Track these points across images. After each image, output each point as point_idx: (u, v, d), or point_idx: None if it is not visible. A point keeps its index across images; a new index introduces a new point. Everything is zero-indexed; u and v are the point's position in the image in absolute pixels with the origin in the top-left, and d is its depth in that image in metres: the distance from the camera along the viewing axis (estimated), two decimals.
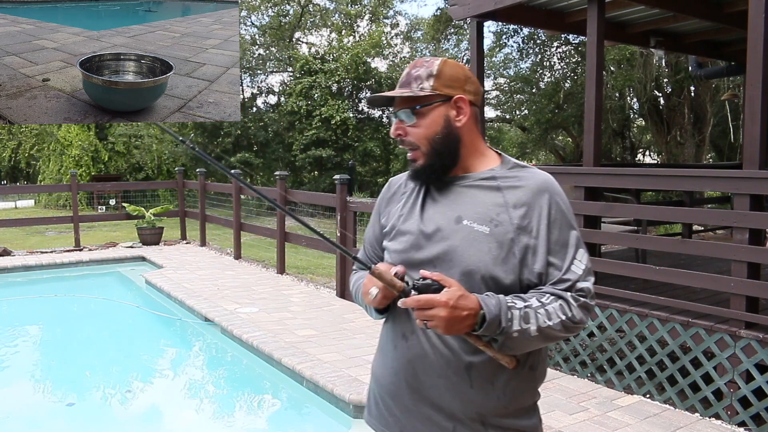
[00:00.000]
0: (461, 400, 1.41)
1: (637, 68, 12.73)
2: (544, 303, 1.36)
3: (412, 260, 1.46)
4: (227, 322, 5.67)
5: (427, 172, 1.48)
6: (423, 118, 1.46)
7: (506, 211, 1.41)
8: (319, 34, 21.37)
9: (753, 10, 3.54)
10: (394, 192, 1.63)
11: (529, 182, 1.44)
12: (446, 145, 1.46)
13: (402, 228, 1.52)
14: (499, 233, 1.40)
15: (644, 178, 4.30)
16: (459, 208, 1.45)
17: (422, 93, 1.44)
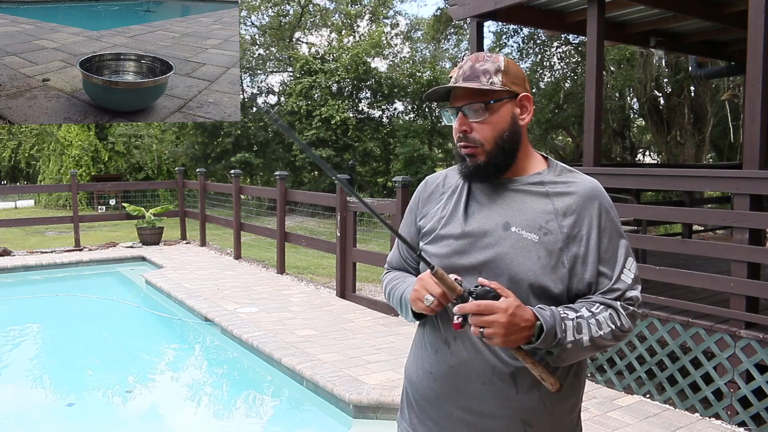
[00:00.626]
0: (506, 406, 1.38)
1: (637, 68, 12.74)
2: (594, 313, 1.35)
3: (455, 266, 1.41)
4: (227, 322, 5.67)
5: (488, 170, 1.42)
6: (493, 114, 1.40)
7: (555, 219, 1.38)
8: (319, 34, 21.38)
9: (753, 10, 3.54)
10: (431, 191, 1.57)
11: (579, 189, 1.42)
12: (511, 143, 1.42)
13: (444, 231, 1.46)
14: (548, 242, 1.36)
15: (644, 178, 4.30)
16: (507, 214, 1.41)
17: (494, 87, 1.39)
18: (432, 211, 1.53)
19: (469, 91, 1.40)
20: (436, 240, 1.46)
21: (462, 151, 1.44)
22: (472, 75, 1.40)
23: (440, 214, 1.50)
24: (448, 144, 18.75)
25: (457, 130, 1.43)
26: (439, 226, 1.48)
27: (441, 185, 1.56)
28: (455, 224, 1.45)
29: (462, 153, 1.44)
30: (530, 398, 1.38)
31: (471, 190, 1.48)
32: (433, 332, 1.48)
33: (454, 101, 1.43)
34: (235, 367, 5.34)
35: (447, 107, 1.45)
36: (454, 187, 1.52)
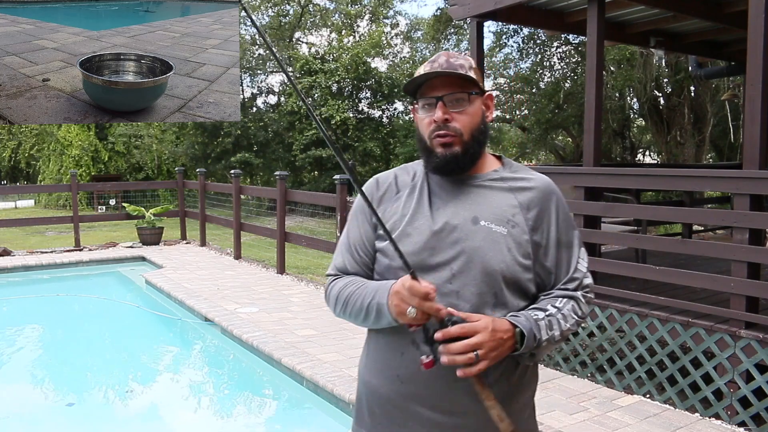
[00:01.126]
0: (478, 400, 1.38)
1: (637, 68, 12.73)
2: (559, 308, 1.42)
3: (425, 263, 1.41)
4: (227, 322, 5.67)
5: (464, 161, 1.44)
6: (470, 106, 1.44)
7: (521, 212, 1.44)
8: (319, 34, 21.38)
9: (753, 10, 3.54)
10: (385, 190, 1.55)
11: (538, 185, 1.49)
12: (483, 137, 1.47)
13: (410, 229, 1.45)
14: (516, 234, 1.42)
15: (644, 178, 4.30)
16: (474, 208, 1.44)
17: (474, 77, 1.44)
18: (390, 209, 1.51)
19: (450, 81, 1.43)
20: (401, 238, 1.44)
21: (438, 141, 1.44)
22: (449, 67, 1.43)
23: (402, 212, 1.48)
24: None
25: (438, 119, 1.42)
26: (402, 224, 1.46)
27: (394, 184, 1.55)
28: (422, 221, 1.45)
29: (439, 143, 1.44)
30: (499, 389, 1.40)
31: (431, 188, 1.49)
32: (395, 334, 1.44)
33: (433, 92, 1.44)
34: (235, 367, 5.34)
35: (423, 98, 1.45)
36: (410, 185, 1.52)
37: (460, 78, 1.43)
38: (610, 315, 4.25)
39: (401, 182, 1.55)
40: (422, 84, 1.47)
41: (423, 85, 1.46)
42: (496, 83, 18.04)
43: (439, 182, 1.50)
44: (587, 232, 4.42)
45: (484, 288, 1.39)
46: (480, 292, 1.40)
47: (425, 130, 1.46)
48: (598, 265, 4.43)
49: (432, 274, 1.40)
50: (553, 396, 4.00)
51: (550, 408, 3.78)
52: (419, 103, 1.48)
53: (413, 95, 1.50)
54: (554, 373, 4.46)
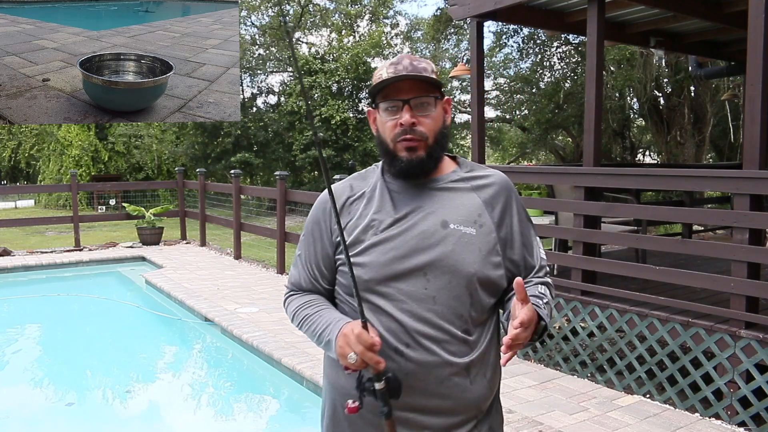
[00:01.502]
0: (464, 399, 1.43)
1: (637, 68, 12.73)
2: (542, 294, 1.48)
3: (397, 271, 1.40)
4: (227, 322, 5.67)
5: (429, 164, 1.44)
6: (435, 110, 1.44)
7: (485, 211, 1.46)
8: (319, 34, 21.37)
9: (753, 10, 3.54)
10: (342, 202, 1.50)
11: (496, 181, 1.51)
12: (445, 139, 1.47)
13: (377, 239, 1.42)
14: (484, 233, 1.44)
15: (644, 178, 4.30)
16: (441, 212, 1.44)
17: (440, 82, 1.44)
18: (352, 222, 1.46)
19: (417, 85, 1.42)
20: (369, 249, 1.42)
21: (404, 144, 1.42)
22: (415, 70, 1.41)
23: (365, 222, 1.44)
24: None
25: (406, 122, 1.40)
26: (368, 235, 1.43)
27: (350, 195, 1.51)
28: (390, 229, 1.43)
29: (404, 146, 1.42)
30: (480, 386, 1.45)
31: (392, 195, 1.47)
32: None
33: (398, 94, 1.42)
34: (235, 367, 5.34)
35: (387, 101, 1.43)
36: (368, 194, 1.49)
37: (426, 82, 1.42)
38: (610, 315, 4.25)
39: (358, 192, 1.51)
40: (385, 86, 1.43)
41: (386, 87, 1.43)
42: (496, 83, 18.04)
43: (400, 188, 1.47)
44: (587, 232, 4.43)
45: (460, 291, 1.41)
46: (456, 295, 1.41)
47: (389, 133, 1.43)
48: (598, 265, 4.43)
49: (407, 281, 1.40)
50: (553, 396, 4.00)
51: (550, 408, 3.79)
52: (381, 106, 1.44)
53: (374, 98, 1.47)
54: (554, 373, 4.46)
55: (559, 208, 5.13)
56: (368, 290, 1.42)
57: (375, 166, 1.56)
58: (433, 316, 1.39)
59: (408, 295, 1.40)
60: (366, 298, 1.42)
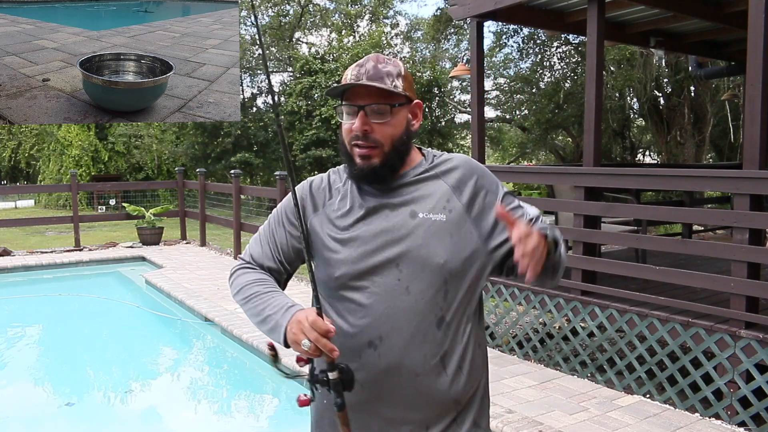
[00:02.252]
0: (440, 392, 1.41)
1: (637, 68, 12.73)
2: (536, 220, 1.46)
3: (369, 265, 1.41)
4: (227, 322, 5.67)
5: (383, 173, 1.43)
6: (393, 117, 1.41)
7: (453, 195, 1.45)
8: (319, 34, 21.39)
9: (753, 10, 3.54)
10: (318, 195, 1.52)
11: (459, 163, 1.49)
12: (405, 146, 1.45)
13: (347, 235, 1.44)
14: (454, 218, 1.42)
15: (644, 178, 4.30)
16: (410, 204, 1.44)
17: (397, 90, 1.41)
18: (325, 216, 1.49)
19: (374, 91, 1.39)
20: (342, 244, 1.43)
21: (357, 151, 1.42)
22: (376, 75, 1.40)
23: (338, 218, 1.47)
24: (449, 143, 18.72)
25: (357, 129, 1.40)
26: (339, 230, 1.45)
27: (327, 189, 1.52)
28: (360, 225, 1.44)
29: (357, 153, 1.42)
30: (458, 380, 1.43)
31: (362, 189, 1.47)
32: (351, 338, 1.41)
33: (356, 99, 1.41)
34: (235, 367, 5.34)
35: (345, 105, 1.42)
36: (343, 189, 1.50)
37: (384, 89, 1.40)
38: (610, 315, 4.25)
39: (334, 186, 1.52)
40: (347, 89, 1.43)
41: (348, 90, 1.43)
42: (496, 83, 18.05)
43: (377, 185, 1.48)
44: (587, 232, 4.43)
45: (432, 279, 1.39)
46: (429, 283, 1.39)
47: (346, 135, 1.44)
48: (598, 265, 4.43)
49: (380, 274, 1.40)
50: (553, 396, 4.00)
51: (550, 408, 3.79)
52: (343, 108, 1.44)
53: (340, 97, 1.46)
54: (554, 373, 4.47)
55: (559, 208, 5.13)
56: (342, 286, 1.42)
57: None
58: (407, 306, 1.38)
59: (381, 286, 1.39)
60: (341, 294, 1.43)
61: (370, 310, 1.40)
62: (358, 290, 1.41)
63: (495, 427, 3.49)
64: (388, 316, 1.39)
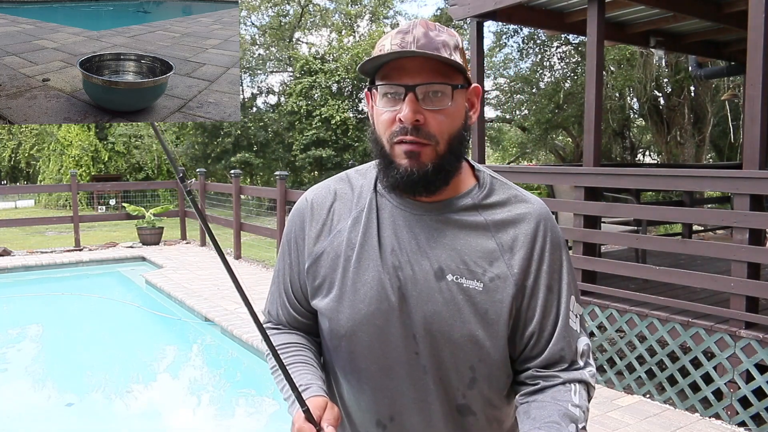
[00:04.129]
0: None
1: (637, 68, 12.73)
2: (581, 405, 1.05)
3: (380, 331, 1.08)
4: (227, 322, 5.67)
5: (436, 180, 1.04)
6: (453, 103, 1.02)
7: (502, 257, 1.07)
8: (319, 34, 21.39)
9: (753, 10, 3.54)
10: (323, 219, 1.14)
11: (525, 215, 1.10)
12: (462, 147, 1.07)
13: (354, 283, 1.08)
14: (495, 288, 1.06)
15: (644, 178, 4.30)
16: (439, 255, 1.06)
17: (462, 66, 1.02)
18: (329, 248, 1.12)
19: (429, 65, 1.00)
20: (344, 296, 1.09)
21: (404, 148, 1.02)
22: (429, 45, 0.99)
23: (345, 254, 1.10)
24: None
25: (407, 119, 0.99)
26: (347, 275, 1.09)
27: (332, 209, 1.14)
28: (371, 272, 1.07)
29: (404, 151, 1.02)
30: None
31: (381, 219, 1.09)
32: (365, 412, 1.16)
33: (401, 77, 1.00)
34: (235, 367, 5.34)
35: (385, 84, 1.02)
36: (356, 211, 1.12)
37: (444, 62, 1.01)
38: (610, 315, 4.25)
39: (343, 205, 1.14)
40: (386, 63, 1.02)
41: (387, 65, 1.02)
42: (496, 83, 18.03)
43: (392, 210, 1.10)
44: (587, 232, 4.43)
45: (456, 363, 1.08)
46: (453, 368, 1.08)
47: (384, 129, 1.04)
48: (598, 265, 4.43)
49: (393, 346, 1.08)
50: None
51: None
52: (380, 89, 1.03)
53: (372, 76, 1.06)
54: None
55: (559, 208, 5.13)
56: (342, 347, 1.12)
57: (372, 166, 1.16)
58: (423, 387, 1.09)
59: (395, 360, 1.09)
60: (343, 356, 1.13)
61: (378, 383, 1.11)
62: (368, 358, 1.10)
63: None
64: (401, 395, 1.11)
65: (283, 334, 1.19)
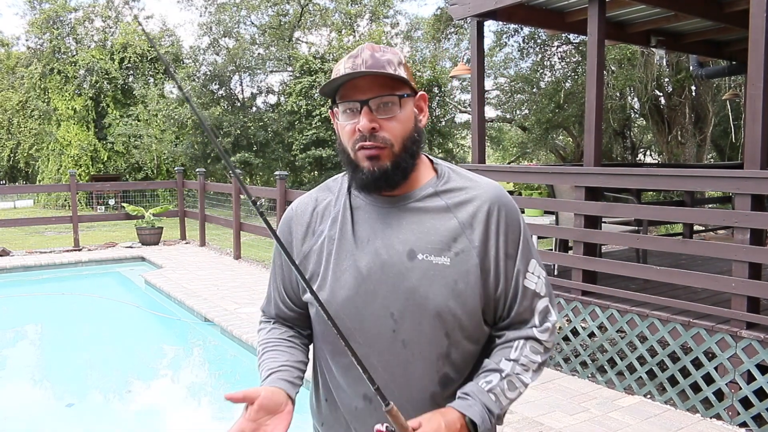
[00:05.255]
0: None
1: (637, 68, 12.72)
2: (516, 359, 1.24)
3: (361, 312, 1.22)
4: (227, 322, 5.66)
5: (396, 176, 1.22)
6: (401, 110, 1.21)
7: (463, 233, 1.23)
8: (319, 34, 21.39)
9: (754, 9, 3.52)
10: (307, 223, 1.32)
11: (478, 195, 1.26)
12: (416, 146, 1.24)
13: (336, 272, 1.24)
14: (460, 262, 1.21)
15: (645, 178, 4.29)
16: (409, 239, 1.22)
17: (405, 78, 1.22)
18: (314, 247, 1.29)
19: (378, 81, 1.20)
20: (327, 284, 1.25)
21: (364, 153, 1.20)
22: (376, 64, 1.19)
23: (326, 250, 1.27)
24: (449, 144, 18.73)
25: (364, 128, 1.18)
26: (329, 267, 1.25)
27: (313, 213, 1.32)
28: (349, 261, 1.23)
29: (365, 155, 1.20)
30: None
31: (354, 216, 1.27)
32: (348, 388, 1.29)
33: (355, 94, 1.20)
34: (235, 367, 5.33)
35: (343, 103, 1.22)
36: (333, 213, 1.29)
37: (389, 78, 1.20)
38: (611, 315, 4.24)
39: (322, 210, 1.32)
40: (342, 84, 1.22)
41: (343, 85, 1.22)
42: (496, 83, 18.03)
43: (364, 207, 1.27)
44: (588, 232, 4.41)
45: (432, 334, 1.21)
46: (429, 339, 1.21)
47: (348, 139, 1.22)
48: (599, 265, 4.42)
49: (372, 324, 1.22)
50: (553, 396, 3.99)
51: (550, 408, 3.77)
52: (339, 107, 1.23)
53: (332, 97, 1.26)
54: (555, 374, 4.45)
55: (559, 208, 5.11)
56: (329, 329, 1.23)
57: (344, 174, 1.33)
58: (403, 362, 1.22)
59: (375, 338, 1.22)
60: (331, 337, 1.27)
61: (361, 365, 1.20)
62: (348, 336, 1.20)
63: None
64: (383, 370, 1.23)
65: (272, 329, 1.40)
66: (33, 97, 19.55)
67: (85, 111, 19.22)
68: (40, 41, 19.67)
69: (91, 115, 19.38)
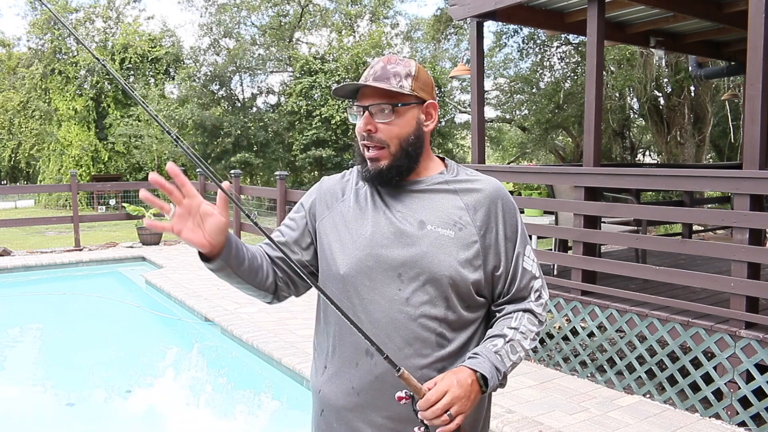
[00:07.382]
0: None
1: (637, 68, 12.73)
2: (516, 327, 1.42)
3: (372, 271, 1.40)
4: (227, 322, 5.67)
5: (390, 174, 1.42)
6: (399, 117, 1.40)
7: (467, 213, 1.43)
8: (319, 34, 21.39)
9: (753, 9, 3.54)
10: (333, 193, 1.53)
11: (484, 187, 1.46)
12: (415, 148, 1.43)
13: (353, 234, 1.44)
14: (464, 236, 1.40)
15: (644, 178, 4.30)
16: (419, 214, 1.42)
17: (403, 91, 1.40)
18: (336, 211, 1.50)
19: (377, 92, 1.40)
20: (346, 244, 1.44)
21: (368, 154, 1.42)
22: (382, 76, 1.40)
23: (346, 216, 1.47)
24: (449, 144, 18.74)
25: (361, 129, 1.41)
26: (348, 229, 1.45)
27: (340, 187, 1.53)
28: (367, 226, 1.43)
29: (368, 156, 1.43)
30: None
31: (377, 192, 1.47)
32: (350, 346, 1.44)
33: (362, 99, 1.42)
34: (235, 367, 5.34)
35: (353, 105, 1.45)
36: (355, 188, 1.51)
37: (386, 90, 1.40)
38: (610, 315, 4.25)
39: (348, 184, 1.53)
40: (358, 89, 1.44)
41: (359, 90, 1.44)
42: (496, 83, 18.04)
43: (389, 188, 1.47)
44: (587, 232, 4.43)
45: (434, 294, 1.38)
46: (430, 301, 1.38)
47: (358, 135, 1.45)
48: (598, 265, 4.43)
49: (381, 282, 1.39)
50: (553, 396, 4.00)
51: (550, 408, 3.78)
52: (354, 108, 1.45)
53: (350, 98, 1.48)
54: (554, 373, 4.46)
55: (559, 208, 5.13)
56: (345, 287, 1.42)
57: None
58: (406, 318, 1.37)
59: (381, 295, 1.39)
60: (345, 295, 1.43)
61: (369, 317, 1.39)
62: (359, 294, 1.41)
63: (495, 427, 3.49)
64: (386, 325, 1.38)
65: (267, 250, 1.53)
66: (34, 97, 19.56)
67: (86, 111, 19.23)
68: (41, 42, 19.70)
69: (92, 115, 19.40)
